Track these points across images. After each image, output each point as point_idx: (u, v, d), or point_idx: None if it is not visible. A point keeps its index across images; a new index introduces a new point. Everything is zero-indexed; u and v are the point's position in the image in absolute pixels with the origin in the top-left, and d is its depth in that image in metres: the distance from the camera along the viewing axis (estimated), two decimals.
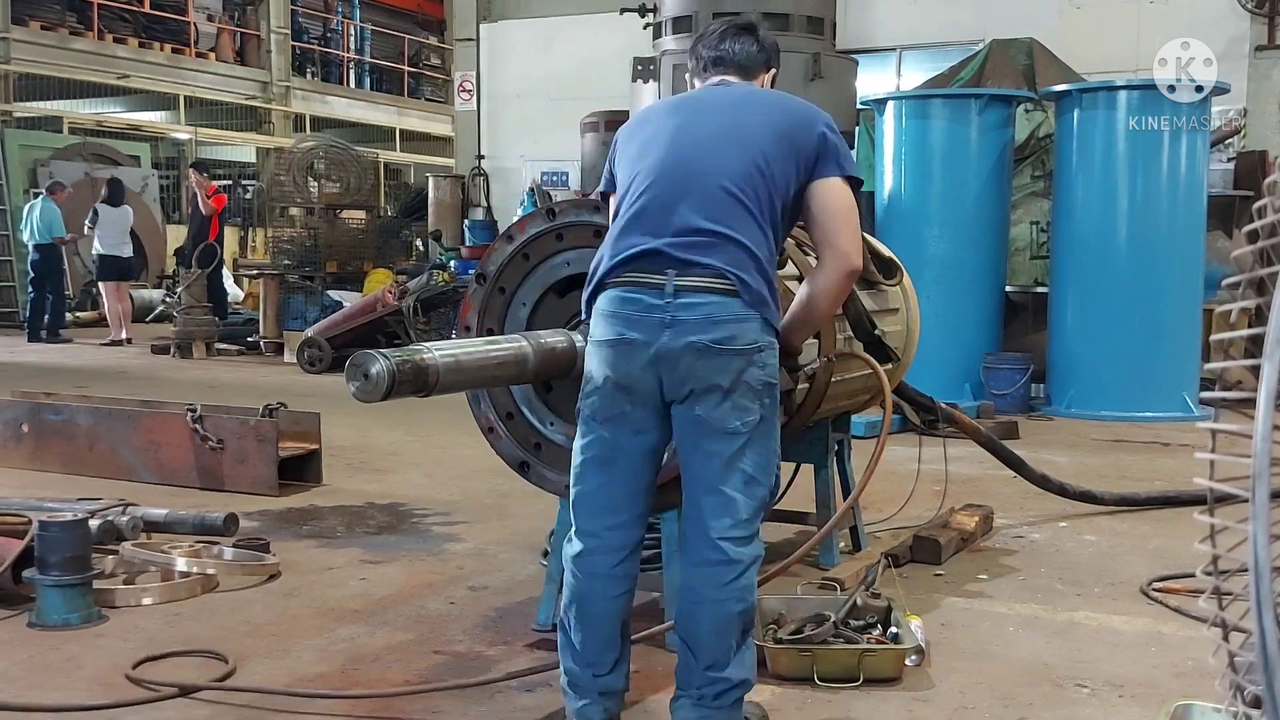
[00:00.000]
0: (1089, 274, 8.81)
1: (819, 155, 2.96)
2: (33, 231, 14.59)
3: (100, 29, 21.87)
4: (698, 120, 3.00)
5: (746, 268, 2.82)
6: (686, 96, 3.19)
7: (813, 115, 3.03)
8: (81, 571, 3.84)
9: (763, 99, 3.09)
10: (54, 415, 6.54)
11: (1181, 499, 5.67)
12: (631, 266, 2.86)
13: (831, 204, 2.98)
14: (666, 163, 2.93)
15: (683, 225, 2.84)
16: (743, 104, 3.05)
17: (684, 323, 2.79)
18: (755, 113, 3.00)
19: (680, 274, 2.81)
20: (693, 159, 2.92)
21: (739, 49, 3.19)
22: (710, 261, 2.80)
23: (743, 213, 2.86)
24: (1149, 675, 3.48)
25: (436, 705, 3.22)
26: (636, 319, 2.83)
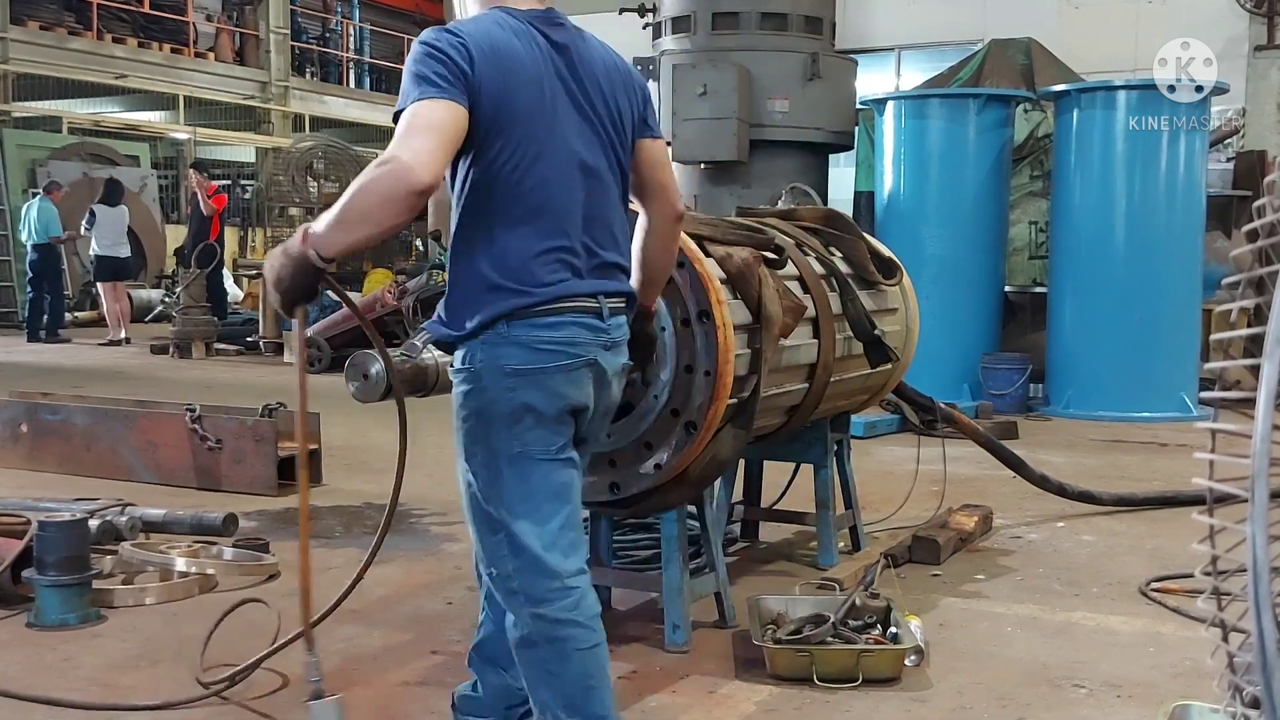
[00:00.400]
0: (1087, 274, 8.81)
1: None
2: (30, 232, 14.59)
3: (99, 29, 21.86)
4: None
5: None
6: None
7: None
8: (79, 572, 3.83)
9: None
10: (51, 415, 6.54)
11: (1180, 499, 5.67)
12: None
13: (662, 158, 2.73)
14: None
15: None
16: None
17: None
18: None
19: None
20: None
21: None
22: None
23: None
24: (1147, 675, 3.48)
25: (435, 705, 3.22)
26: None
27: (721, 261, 3.62)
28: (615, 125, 2.60)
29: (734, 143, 10.83)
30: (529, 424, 2.46)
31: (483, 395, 2.46)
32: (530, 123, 2.45)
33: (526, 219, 2.45)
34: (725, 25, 11.31)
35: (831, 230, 4.55)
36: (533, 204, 2.45)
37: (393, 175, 2.23)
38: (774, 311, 3.66)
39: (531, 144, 2.45)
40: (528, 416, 2.45)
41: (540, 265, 2.44)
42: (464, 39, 2.39)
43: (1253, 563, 1.45)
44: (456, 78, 2.34)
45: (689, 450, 3.47)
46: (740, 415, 3.67)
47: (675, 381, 3.46)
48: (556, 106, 2.49)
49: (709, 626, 3.85)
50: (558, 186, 2.48)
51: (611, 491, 3.57)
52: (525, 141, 2.44)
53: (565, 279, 2.47)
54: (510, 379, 2.44)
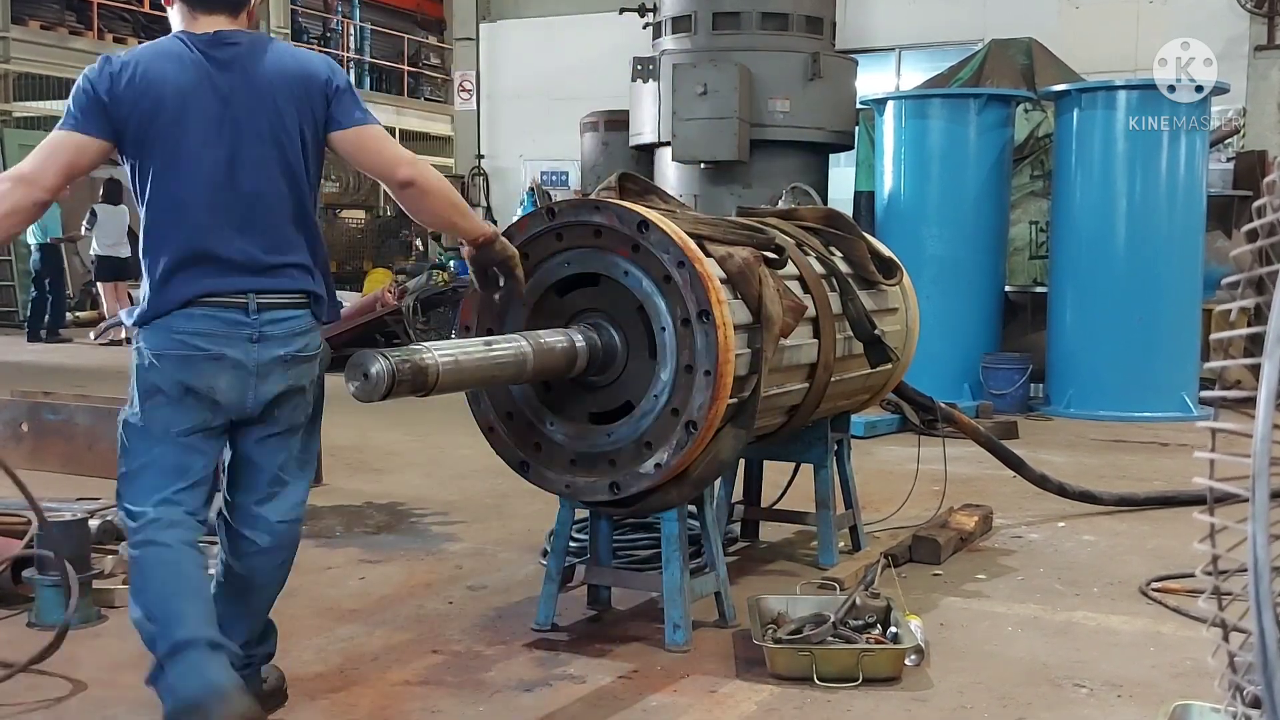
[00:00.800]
0: (1088, 274, 8.81)
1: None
2: (32, 231, 14.58)
3: (100, 28, 21.84)
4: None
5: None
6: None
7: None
8: (80, 571, 3.83)
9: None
10: (53, 415, 6.54)
11: (1180, 499, 5.67)
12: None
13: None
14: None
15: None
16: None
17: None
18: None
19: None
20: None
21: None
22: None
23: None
24: (1147, 675, 3.48)
25: (436, 705, 3.22)
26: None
27: (722, 261, 3.62)
28: (284, 133, 2.87)
29: (734, 142, 10.84)
30: (158, 402, 2.85)
31: (136, 371, 2.88)
32: (165, 140, 2.80)
33: (165, 226, 2.84)
34: (726, 25, 11.33)
35: (832, 230, 4.55)
36: (167, 215, 2.83)
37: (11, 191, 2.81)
38: (774, 311, 3.66)
39: (163, 159, 2.81)
40: (158, 395, 2.84)
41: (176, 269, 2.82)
42: (111, 65, 2.82)
43: (1253, 562, 1.45)
44: (89, 100, 2.79)
45: (689, 450, 3.47)
46: (740, 415, 3.67)
47: (675, 381, 3.46)
48: (192, 123, 2.80)
49: (709, 626, 3.85)
50: (192, 199, 2.81)
51: (611, 491, 3.57)
52: (159, 157, 2.81)
53: (202, 281, 2.82)
54: (151, 362, 2.85)
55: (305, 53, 3.05)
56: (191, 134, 2.79)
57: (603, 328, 3.57)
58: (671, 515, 3.67)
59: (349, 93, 2.97)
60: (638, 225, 3.49)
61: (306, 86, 2.89)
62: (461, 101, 16.88)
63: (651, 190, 4.03)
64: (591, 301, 3.62)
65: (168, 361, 2.81)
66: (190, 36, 2.85)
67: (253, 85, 2.84)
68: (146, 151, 2.81)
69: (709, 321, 3.40)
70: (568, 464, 3.65)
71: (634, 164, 12.03)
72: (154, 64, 2.81)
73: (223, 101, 2.81)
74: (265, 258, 2.86)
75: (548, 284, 3.67)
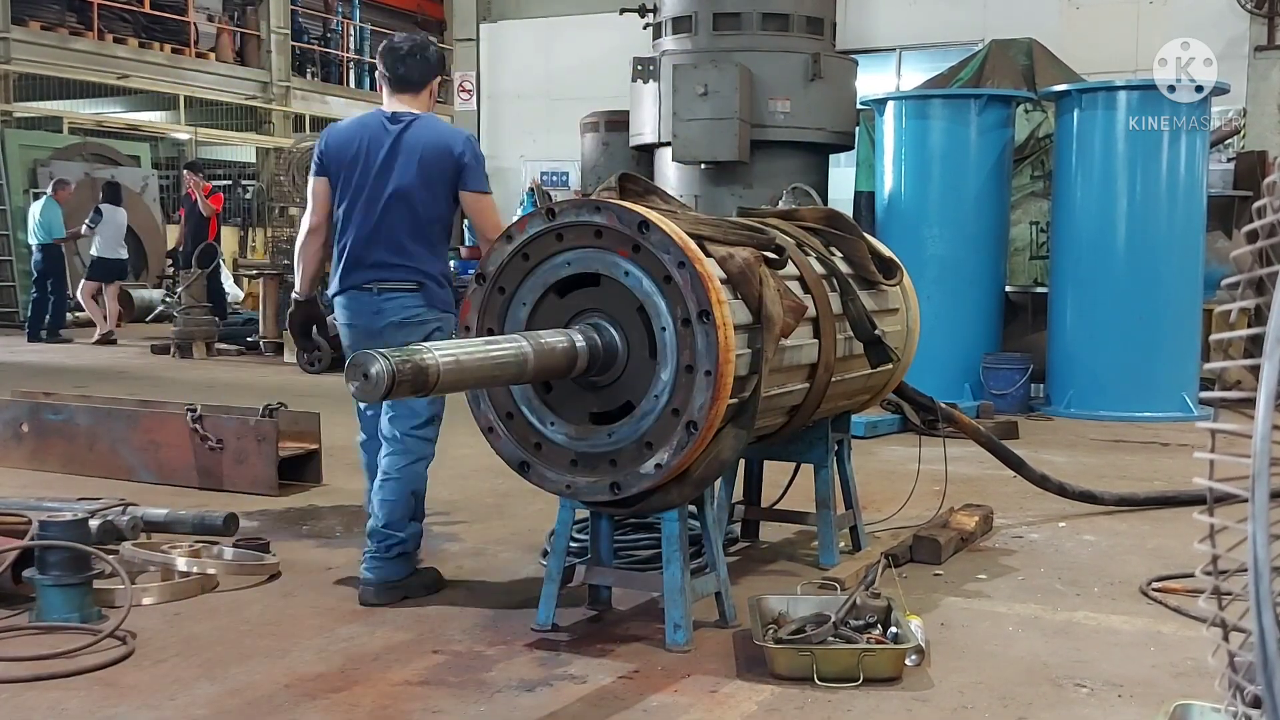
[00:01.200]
0: (1088, 274, 8.81)
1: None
2: (34, 232, 14.61)
3: (100, 29, 21.85)
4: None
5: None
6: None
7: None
8: (81, 571, 3.84)
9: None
10: (54, 415, 6.54)
11: (1181, 499, 5.67)
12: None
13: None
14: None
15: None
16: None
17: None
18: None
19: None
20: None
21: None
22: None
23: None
24: (1148, 675, 3.48)
25: (436, 705, 3.23)
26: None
27: (722, 261, 3.63)
28: (416, 179, 4.24)
29: (735, 143, 10.84)
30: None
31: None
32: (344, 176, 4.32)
33: (339, 238, 4.34)
34: (726, 26, 11.33)
35: (832, 230, 4.55)
36: (340, 228, 4.33)
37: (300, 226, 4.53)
38: (775, 311, 3.66)
39: (343, 189, 4.33)
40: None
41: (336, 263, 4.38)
42: (328, 132, 4.46)
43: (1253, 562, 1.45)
44: (320, 157, 4.36)
45: (690, 450, 3.47)
46: (741, 415, 3.67)
47: (676, 381, 3.47)
48: (363, 167, 4.29)
49: (710, 626, 3.86)
50: (355, 214, 4.29)
51: (612, 491, 3.57)
52: (341, 188, 4.34)
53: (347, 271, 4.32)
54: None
55: (452, 129, 4.45)
56: (362, 175, 4.32)
57: (603, 328, 3.57)
58: (672, 515, 3.67)
59: (476, 166, 4.29)
60: (638, 225, 3.49)
61: (441, 153, 4.25)
62: (462, 102, 16.87)
63: (652, 191, 4.03)
64: (592, 302, 3.62)
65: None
66: (381, 111, 4.37)
67: (406, 147, 4.25)
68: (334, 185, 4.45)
69: (709, 322, 3.41)
70: (568, 464, 3.65)
71: (634, 164, 12.03)
72: (347, 130, 4.41)
73: (385, 153, 4.27)
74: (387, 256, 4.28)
75: (548, 284, 3.67)
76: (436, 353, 3.01)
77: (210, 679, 3.41)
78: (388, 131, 4.25)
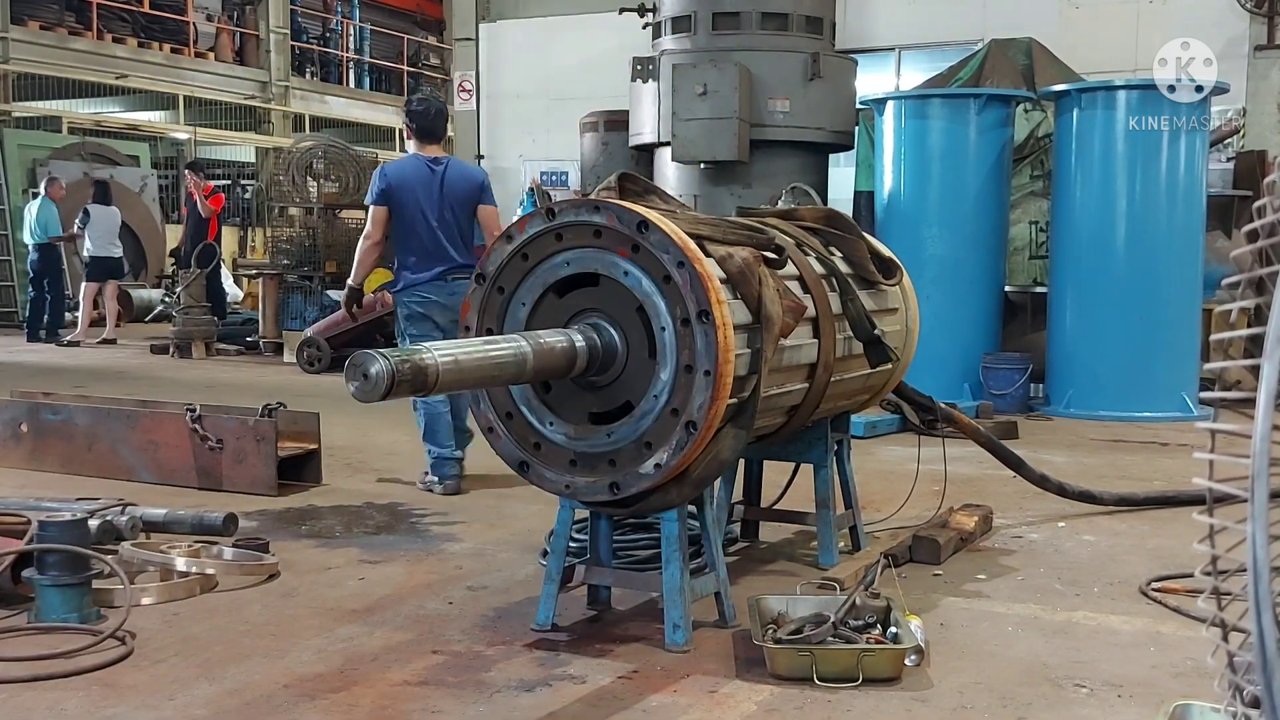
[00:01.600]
0: (1088, 274, 8.81)
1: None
2: (30, 231, 14.61)
3: (99, 29, 21.86)
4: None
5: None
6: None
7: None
8: (80, 571, 3.83)
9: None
10: (53, 415, 6.54)
11: (1180, 499, 5.67)
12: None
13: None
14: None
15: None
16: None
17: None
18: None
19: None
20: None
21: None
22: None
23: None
24: (1148, 675, 3.48)
25: (436, 705, 3.22)
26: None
27: (722, 261, 3.62)
28: (457, 203, 6.08)
29: (734, 142, 10.84)
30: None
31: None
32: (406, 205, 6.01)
33: (408, 245, 6.07)
34: (726, 25, 11.32)
35: (832, 230, 4.55)
36: (407, 239, 6.07)
37: (364, 239, 6.19)
38: (774, 311, 3.66)
39: (406, 213, 6.02)
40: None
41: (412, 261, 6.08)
42: (386, 172, 6.10)
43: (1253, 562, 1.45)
44: (382, 191, 6.00)
45: (689, 450, 3.47)
46: (740, 415, 3.67)
47: (675, 381, 3.46)
48: (421, 197, 6.02)
49: (709, 626, 3.86)
50: (421, 229, 6.03)
51: (611, 491, 3.57)
52: (403, 213, 6.02)
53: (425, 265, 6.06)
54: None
55: (473, 167, 6.84)
56: (418, 202, 6.04)
57: (602, 328, 3.57)
58: (671, 515, 3.67)
59: (489, 189, 6.25)
60: (638, 225, 3.49)
61: (471, 184, 6.16)
62: (461, 102, 16.86)
63: (651, 190, 4.03)
64: (591, 301, 3.62)
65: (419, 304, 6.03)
66: (422, 157, 6.11)
67: (449, 180, 6.06)
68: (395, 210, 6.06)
69: (709, 321, 3.40)
70: (568, 464, 3.65)
71: (634, 164, 12.03)
72: (405, 168, 6.13)
73: (431, 187, 6.04)
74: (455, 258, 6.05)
75: (547, 284, 3.67)
76: (436, 353, 3.01)
77: (209, 679, 3.40)
78: (434, 174, 6.04)
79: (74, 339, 14.22)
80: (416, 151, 6.10)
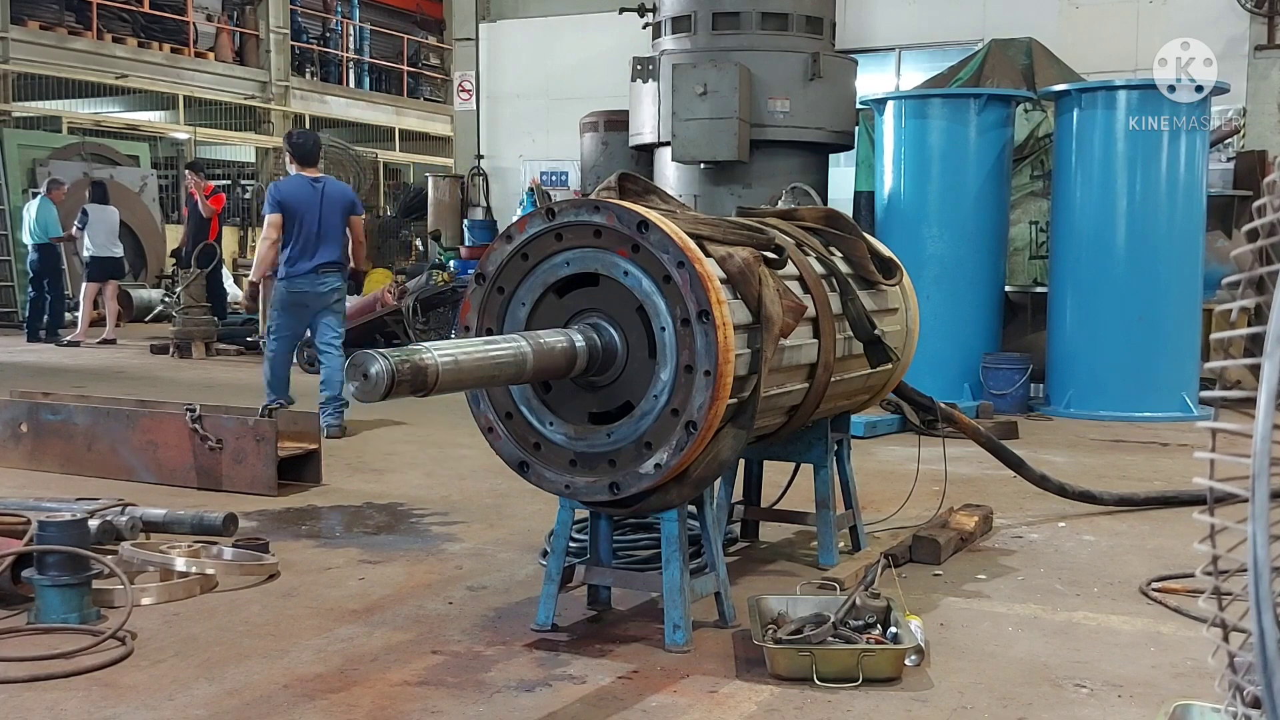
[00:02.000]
0: (1088, 274, 8.81)
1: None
2: (30, 231, 14.60)
3: (99, 29, 21.86)
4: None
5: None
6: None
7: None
8: (80, 572, 3.83)
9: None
10: (52, 415, 6.54)
11: (1181, 499, 5.67)
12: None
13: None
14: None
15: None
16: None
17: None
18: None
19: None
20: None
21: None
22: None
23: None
24: (1148, 675, 3.48)
25: (436, 705, 3.22)
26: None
27: (722, 261, 3.62)
28: (332, 213, 7.72)
29: (734, 142, 10.84)
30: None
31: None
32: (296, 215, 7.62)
33: (293, 245, 7.63)
34: (726, 25, 11.32)
35: (832, 230, 4.55)
36: (293, 240, 7.62)
37: (263, 241, 7.90)
38: (774, 311, 3.66)
39: (293, 220, 7.62)
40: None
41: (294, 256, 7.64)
42: (280, 188, 7.80)
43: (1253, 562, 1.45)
44: (278, 203, 7.62)
45: (689, 450, 3.47)
46: (740, 415, 3.67)
47: (675, 381, 3.46)
48: (309, 210, 7.62)
49: (709, 626, 3.85)
50: (304, 233, 7.61)
51: (611, 491, 3.57)
52: (291, 220, 7.62)
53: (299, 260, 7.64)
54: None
55: (344, 185, 8.53)
56: (305, 214, 7.59)
57: (602, 328, 3.57)
58: (671, 515, 3.67)
59: (358, 203, 8.03)
60: (638, 225, 3.49)
61: (344, 199, 7.83)
62: (461, 102, 16.85)
63: (651, 190, 4.03)
64: (591, 301, 3.62)
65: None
66: (305, 176, 7.72)
67: (327, 196, 7.66)
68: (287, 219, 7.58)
69: (709, 321, 3.40)
70: (567, 464, 3.65)
71: (634, 164, 12.03)
72: (293, 185, 7.70)
73: (317, 202, 7.61)
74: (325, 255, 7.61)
75: (547, 284, 3.67)
76: (435, 353, 3.01)
77: (209, 679, 3.40)
78: (315, 189, 7.70)
79: (74, 339, 14.22)
80: (299, 173, 7.76)
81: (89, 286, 14.62)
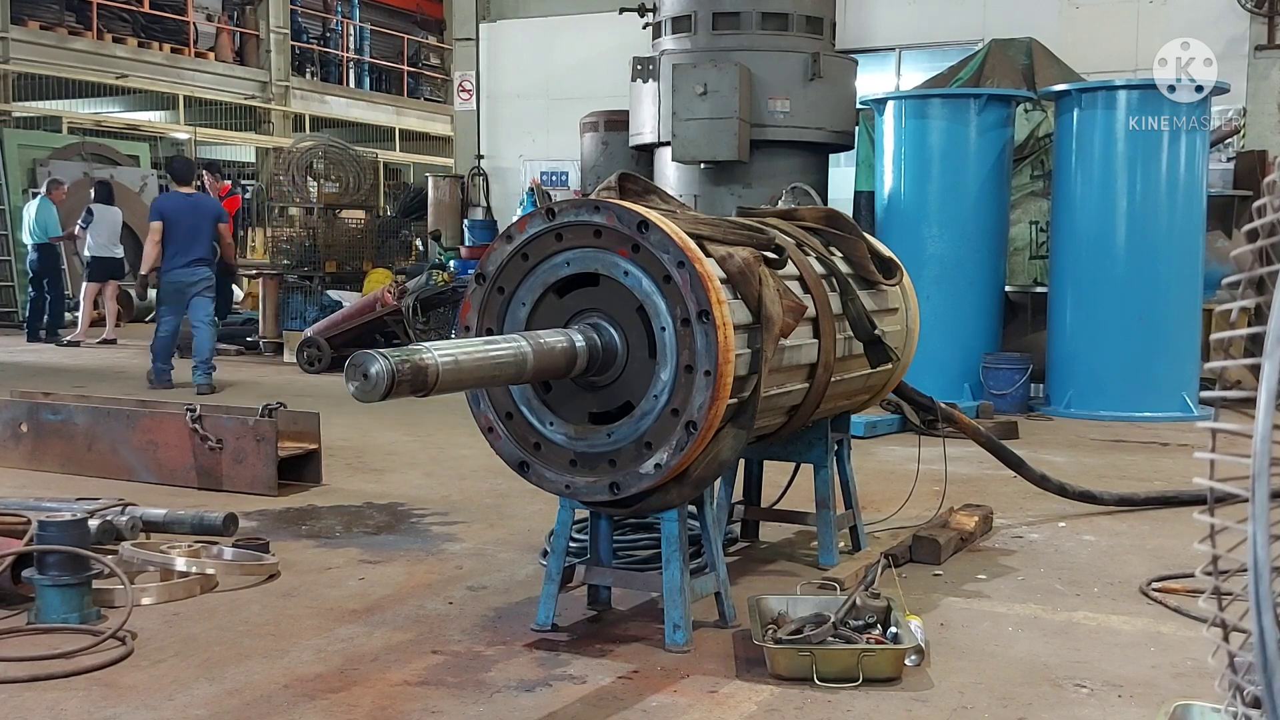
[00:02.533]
0: (1088, 274, 8.81)
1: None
2: (30, 231, 14.60)
3: (99, 29, 21.86)
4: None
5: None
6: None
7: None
8: (80, 572, 3.83)
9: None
10: (52, 415, 6.54)
11: (1181, 499, 5.67)
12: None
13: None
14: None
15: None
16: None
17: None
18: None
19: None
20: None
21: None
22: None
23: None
24: (1148, 675, 3.48)
25: (436, 705, 3.22)
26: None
27: (722, 261, 3.62)
28: (202, 220, 10.11)
29: (734, 142, 10.84)
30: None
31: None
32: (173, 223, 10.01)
33: (172, 246, 9.99)
34: (726, 25, 11.32)
35: (832, 230, 4.55)
36: (171, 242, 9.98)
37: (149, 243, 10.21)
38: (774, 311, 3.66)
39: (171, 226, 10.00)
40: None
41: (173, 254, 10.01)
42: (161, 201, 10.58)
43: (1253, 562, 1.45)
44: (160, 212, 10.05)
45: (689, 450, 3.47)
46: (740, 415, 3.67)
47: (675, 381, 3.46)
48: (183, 218, 10.04)
49: (709, 626, 3.85)
50: (179, 236, 10.00)
51: (611, 491, 3.57)
52: (170, 226, 10.00)
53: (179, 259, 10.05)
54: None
55: (213, 198, 11.77)
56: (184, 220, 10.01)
57: (603, 328, 3.57)
58: (671, 515, 3.67)
59: (224, 212, 10.66)
60: (638, 225, 3.49)
61: (212, 210, 10.36)
62: (461, 102, 16.85)
63: (651, 190, 4.03)
64: (591, 301, 3.62)
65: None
66: (180, 194, 10.36)
67: (197, 208, 10.14)
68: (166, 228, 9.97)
69: (709, 321, 3.40)
70: (568, 464, 3.65)
71: (634, 164, 12.02)
72: (173, 200, 10.31)
73: (190, 212, 10.05)
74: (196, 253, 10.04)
75: (547, 284, 3.67)
76: (436, 353, 3.00)
77: (209, 679, 3.40)
78: (189, 201, 10.07)
79: (74, 339, 14.21)
80: (178, 189, 10.41)
81: (89, 286, 14.62)
